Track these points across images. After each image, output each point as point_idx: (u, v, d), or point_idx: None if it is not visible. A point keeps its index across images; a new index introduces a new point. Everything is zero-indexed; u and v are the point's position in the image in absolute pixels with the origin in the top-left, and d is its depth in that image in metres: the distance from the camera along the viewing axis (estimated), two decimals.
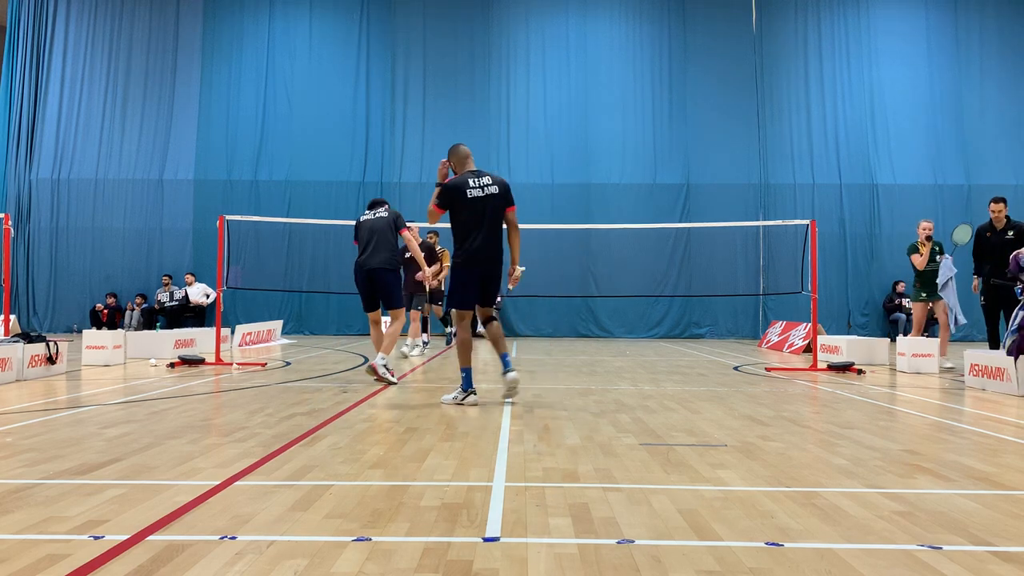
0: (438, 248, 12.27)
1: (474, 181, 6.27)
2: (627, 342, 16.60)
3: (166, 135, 18.84)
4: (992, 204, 9.71)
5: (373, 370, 7.55)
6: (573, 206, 18.32)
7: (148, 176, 18.68)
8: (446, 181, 6.32)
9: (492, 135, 18.81)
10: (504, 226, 6.43)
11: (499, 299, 12.40)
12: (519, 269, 6.51)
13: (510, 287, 6.58)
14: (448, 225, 6.48)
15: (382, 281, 7.80)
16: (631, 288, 17.85)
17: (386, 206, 8.17)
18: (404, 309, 8.07)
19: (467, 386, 6.32)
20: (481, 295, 6.39)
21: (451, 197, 6.23)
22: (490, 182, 6.30)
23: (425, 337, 12.54)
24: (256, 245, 17.96)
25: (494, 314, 6.61)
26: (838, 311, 18.25)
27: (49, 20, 19.09)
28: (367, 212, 8.12)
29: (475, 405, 6.21)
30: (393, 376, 7.69)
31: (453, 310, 6.42)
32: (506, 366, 6.45)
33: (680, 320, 18.44)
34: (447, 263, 12.14)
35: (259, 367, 9.55)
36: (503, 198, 6.32)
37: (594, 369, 9.85)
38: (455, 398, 6.32)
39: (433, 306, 12.73)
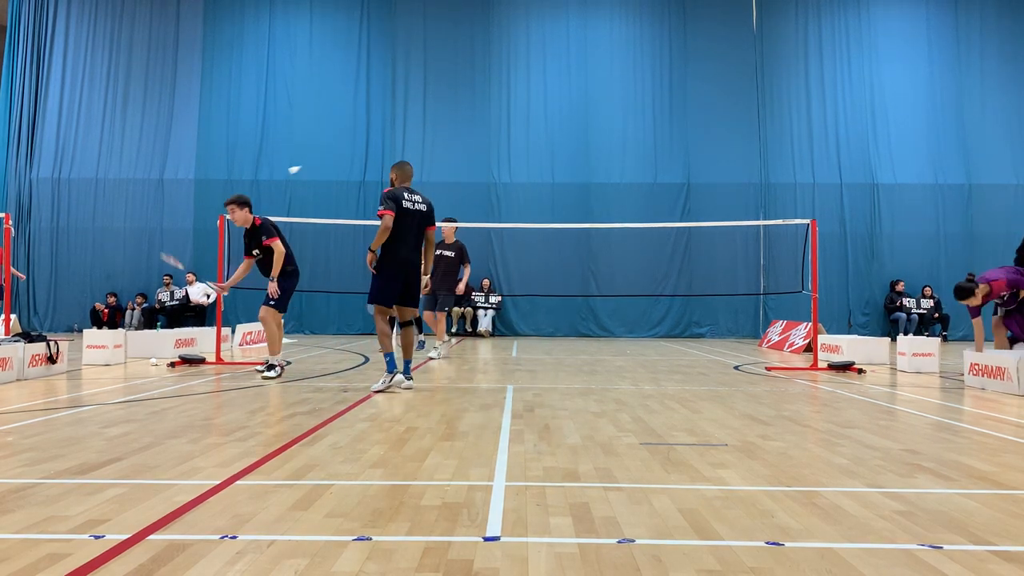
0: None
1: (407, 195, 7.12)
2: (627, 341, 16.59)
3: (166, 135, 18.84)
4: None
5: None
6: (573, 206, 18.31)
7: (148, 176, 18.68)
8: (385, 191, 7.14)
9: (492, 135, 18.81)
10: (424, 242, 7.33)
11: (499, 299, 12.28)
12: (426, 279, 7.80)
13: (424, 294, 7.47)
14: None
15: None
16: (631, 287, 17.85)
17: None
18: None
19: (391, 368, 7.00)
20: (402, 295, 7.17)
21: (396, 202, 7.00)
22: (420, 200, 7.19)
23: (445, 337, 12.23)
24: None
25: (411, 320, 7.40)
26: (838, 310, 18.25)
27: (49, 20, 19.08)
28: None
29: (399, 384, 6.98)
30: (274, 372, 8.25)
31: (374, 305, 7.20)
32: (406, 371, 7.24)
33: (680, 319, 18.44)
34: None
35: (259, 366, 9.54)
36: (427, 217, 7.22)
37: (594, 368, 9.85)
38: (384, 383, 6.96)
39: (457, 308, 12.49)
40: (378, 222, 7.06)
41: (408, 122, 18.89)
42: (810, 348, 11.15)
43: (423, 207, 7.18)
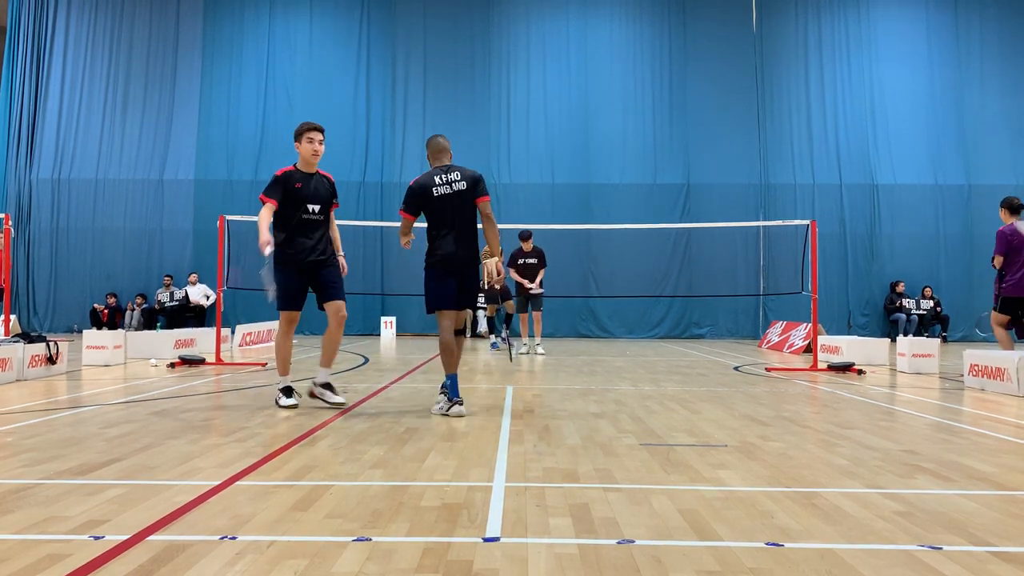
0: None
1: (441, 178, 5.80)
2: (627, 342, 16.59)
3: (166, 135, 18.85)
4: None
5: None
6: (573, 206, 18.32)
7: (148, 176, 18.68)
8: (412, 182, 5.88)
9: (492, 135, 18.81)
10: (480, 221, 5.94)
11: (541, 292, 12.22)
12: (491, 261, 5.94)
13: (485, 283, 6.21)
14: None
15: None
16: (631, 288, 17.85)
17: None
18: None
19: (453, 395, 5.71)
20: (459, 295, 5.87)
21: (417, 200, 5.80)
22: (459, 177, 5.80)
23: (505, 335, 12.24)
24: (256, 245, 17.90)
25: (463, 326, 6.03)
26: (838, 311, 18.25)
27: (49, 20, 19.09)
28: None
29: (460, 416, 5.62)
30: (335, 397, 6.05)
31: (436, 313, 5.88)
32: (453, 392, 5.76)
33: (680, 320, 18.44)
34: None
35: (259, 367, 9.55)
36: (472, 192, 5.80)
37: (594, 369, 9.85)
38: (440, 408, 5.75)
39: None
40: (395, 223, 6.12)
41: (408, 122, 18.89)
42: (810, 349, 11.15)
43: (462, 184, 5.78)
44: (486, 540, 2.74)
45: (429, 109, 18.94)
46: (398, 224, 6.08)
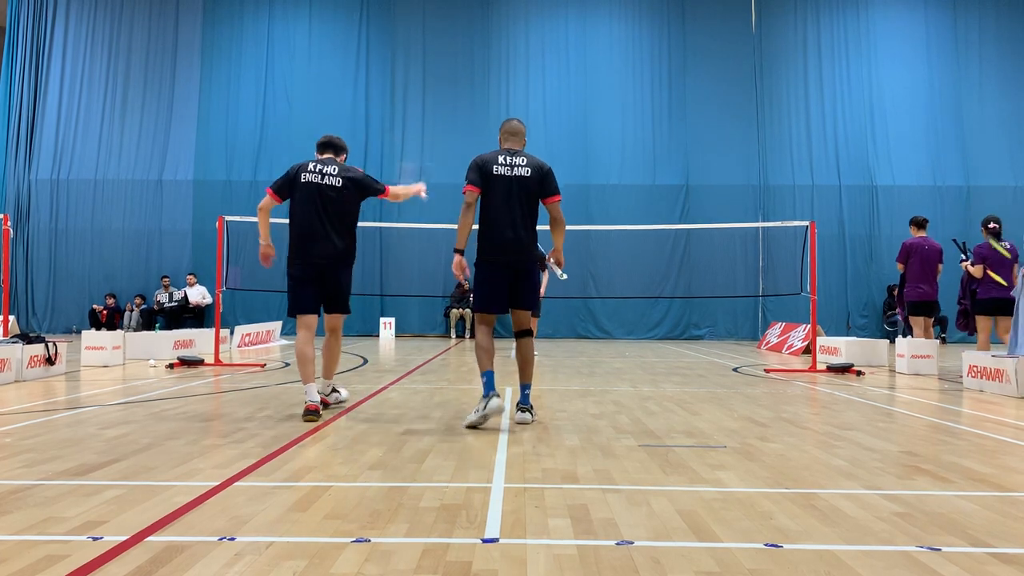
0: None
1: (504, 159, 5.31)
2: (626, 343, 16.60)
3: (165, 135, 18.85)
4: None
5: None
6: (572, 207, 18.25)
7: (147, 176, 18.68)
8: (475, 157, 5.42)
9: (491, 136, 18.60)
10: (548, 219, 5.46)
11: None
12: (555, 263, 5.47)
13: (562, 275, 5.59)
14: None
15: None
16: (630, 289, 17.86)
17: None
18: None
19: (488, 391, 5.16)
20: (510, 296, 5.31)
21: (479, 172, 5.30)
22: (523, 163, 5.28)
23: None
24: (255, 246, 17.87)
25: (531, 327, 5.54)
26: (837, 312, 18.26)
27: (49, 20, 19.09)
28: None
29: (501, 411, 5.19)
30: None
31: (476, 313, 5.41)
32: (523, 400, 5.40)
33: (679, 321, 18.44)
34: None
35: (258, 368, 9.55)
36: (537, 184, 5.28)
37: (593, 370, 9.85)
38: (477, 412, 5.17)
39: None
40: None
41: (407, 123, 18.89)
42: (809, 350, 11.15)
43: (525, 171, 5.25)
44: (485, 541, 2.74)
45: (428, 109, 18.94)
46: (398, 225, 5.86)
